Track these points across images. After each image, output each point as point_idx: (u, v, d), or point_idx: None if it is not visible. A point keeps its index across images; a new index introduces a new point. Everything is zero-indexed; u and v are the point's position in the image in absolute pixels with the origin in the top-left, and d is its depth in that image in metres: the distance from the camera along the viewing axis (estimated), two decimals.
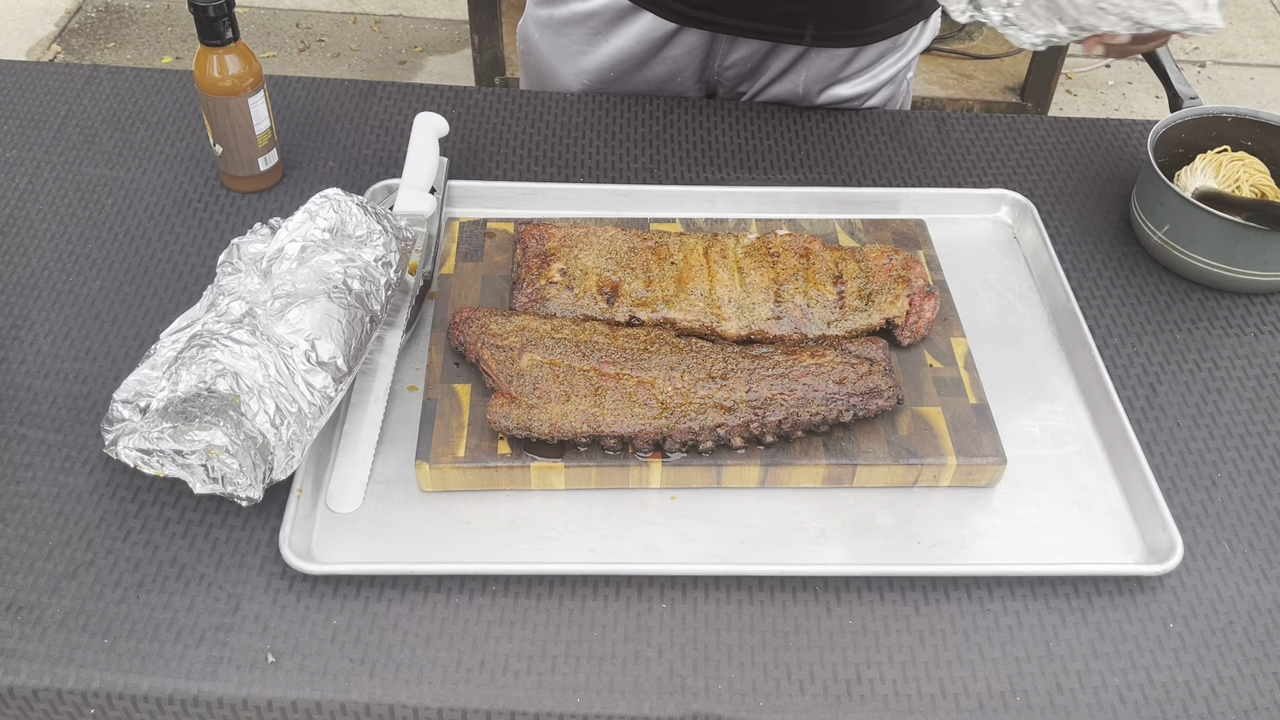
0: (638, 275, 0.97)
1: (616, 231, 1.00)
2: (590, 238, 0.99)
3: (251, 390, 0.79)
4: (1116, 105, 3.05)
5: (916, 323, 0.96)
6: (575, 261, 0.98)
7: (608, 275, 0.97)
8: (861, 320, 0.95)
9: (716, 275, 0.97)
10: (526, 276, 0.97)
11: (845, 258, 0.99)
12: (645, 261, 0.98)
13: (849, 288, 0.97)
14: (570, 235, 0.99)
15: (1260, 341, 1.04)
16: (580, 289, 0.96)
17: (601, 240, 0.99)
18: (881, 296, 0.96)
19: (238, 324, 0.82)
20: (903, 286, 0.97)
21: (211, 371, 0.79)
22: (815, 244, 0.99)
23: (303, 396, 0.82)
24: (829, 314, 0.95)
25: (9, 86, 1.24)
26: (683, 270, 0.97)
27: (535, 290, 0.96)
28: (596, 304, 0.95)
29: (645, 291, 0.96)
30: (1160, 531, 0.85)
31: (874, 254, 1.00)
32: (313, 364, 0.83)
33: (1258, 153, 1.13)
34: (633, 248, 0.99)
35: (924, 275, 0.99)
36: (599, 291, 0.96)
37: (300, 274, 0.87)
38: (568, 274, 0.97)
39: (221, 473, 0.79)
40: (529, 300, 0.95)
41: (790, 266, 0.97)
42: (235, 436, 0.78)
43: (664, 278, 0.97)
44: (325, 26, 3.19)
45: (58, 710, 0.76)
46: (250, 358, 0.80)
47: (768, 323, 0.94)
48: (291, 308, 0.84)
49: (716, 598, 0.82)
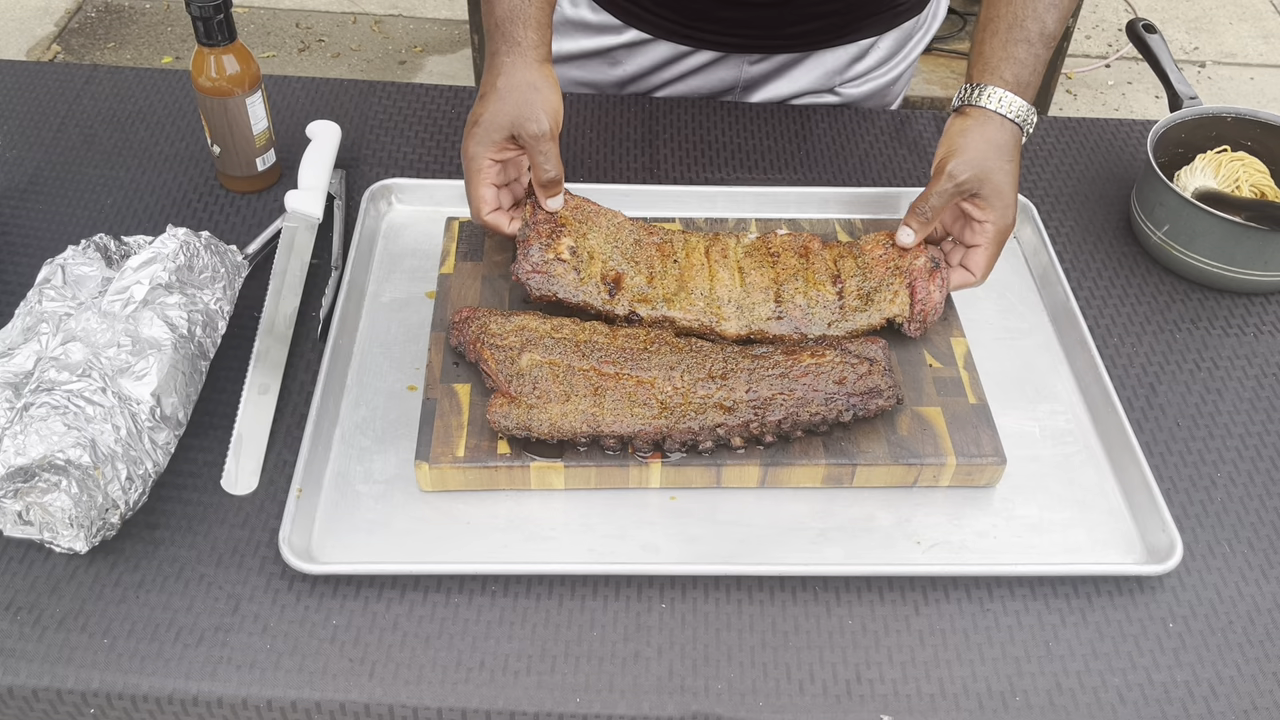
0: (641, 270, 0.96)
1: (625, 219, 1.00)
2: (601, 219, 0.99)
3: (106, 458, 0.77)
4: (1116, 105, 3.05)
5: (924, 310, 0.94)
6: (584, 240, 0.96)
7: (612, 264, 0.96)
8: (862, 320, 0.94)
9: (717, 275, 0.96)
10: (535, 241, 0.95)
11: (843, 254, 0.98)
12: (649, 257, 0.98)
13: (847, 286, 0.96)
14: (583, 208, 0.98)
15: (1260, 341, 1.04)
16: (585, 274, 0.95)
17: (611, 225, 0.99)
18: (880, 294, 0.95)
19: (82, 374, 0.80)
20: (900, 279, 0.95)
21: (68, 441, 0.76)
22: (815, 243, 0.99)
23: (148, 456, 0.81)
24: (829, 314, 0.95)
25: (9, 86, 1.24)
26: (684, 269, 0.97)
27: (544, 262, 0.94)
28: (599, 293, 0.95)
29: (647, 287, 0.95)
30: (1160, 532, 0.85)
31: (870, 245, 0.98)
32: (157, 420, 0.82)
33: (1257, 153, 1.13)
34: (638, 240, 0.99)
35: (924, 253, 0.96)
36: (603, 280, 0.95)
37: (144, 317, 0.84)
38: (577, 254, 0.95)
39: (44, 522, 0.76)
40: (533, 269, 0.94)
41: (790, 266, 0.97)
42: (79, 498, 0.76)
43: (666, 275, 0.97)
44: (325, 26, 3.18)
45: (57, 710, 0.76)
46: (102, 419, 0.78)
47: (768, 323, 0.94)
48: (138, 359, 0.82)
49: (716, 598, 0.82)
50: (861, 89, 1.30)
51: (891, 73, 1.31)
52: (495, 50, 0.95)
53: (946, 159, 0.93)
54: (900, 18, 1.25)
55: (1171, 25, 3.35)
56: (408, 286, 1.03)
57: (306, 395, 0.93)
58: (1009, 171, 0.93)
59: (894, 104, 1.37)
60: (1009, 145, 0.93)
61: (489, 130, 0.93)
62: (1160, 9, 3.42)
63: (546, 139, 0.92)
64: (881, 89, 1.32)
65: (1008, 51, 0.94)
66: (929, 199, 0.93)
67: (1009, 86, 0.94)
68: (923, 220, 0.94)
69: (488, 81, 0.95)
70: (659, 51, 1.26)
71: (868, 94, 1.31)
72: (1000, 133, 0.93)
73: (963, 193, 0.93)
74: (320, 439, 0.88)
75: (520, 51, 0.94)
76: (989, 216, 0.93)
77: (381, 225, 1.10)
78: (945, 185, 0.92)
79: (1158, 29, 1.20)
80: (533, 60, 0.94)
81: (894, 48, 1.29)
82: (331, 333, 0.95)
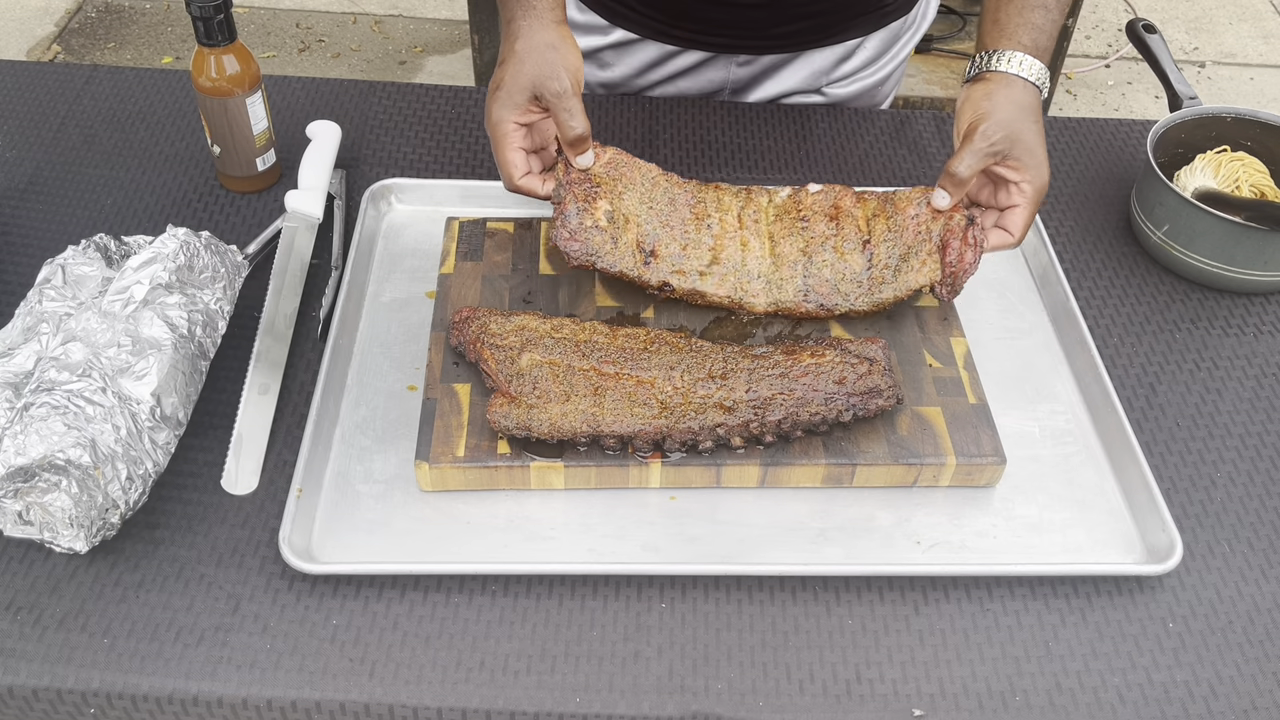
0: (675, 237, 0.95)
1: (658, 173, 0.98)
2: (635, 174, 0.97)
3: (106, 458, 0.77)
4: (1116, 105, 3.05)
5: (954, 271, 0.93)
6: (619, 202, 0.95)
7: (648, 230, 0.95)
8: (889, 293, 0.94)
9: (748, 245, 0.96)
10: (570, 205, 0.93)
11: (877, 212, 0.97)
12: (683, 220, 0.96)
13: (877, 254, 0.95)
14: (615, 163, 0.96)
15: (1260, 341, 1.04)
16: (622, 241, 0.94)
17: (645, 181, 0.97)
18: (909, 263, 0.94)
19: (82, 374, 0.80)
20: (930, 246, 0.94)
21: (68, 441, 0.76)
22: (846, 198, 0.97)
23: (148, 456, 0.80)
24: (856, 289, 0.95)
25: (9, 86, 1.24)
26: (718, 237, 0.96)
27: (581, 229, 0.93)
28: (635, 261, 0.94)
29: (681, 256, 0.95)
30: (1160, 531, 0.85)
31: (904, 203, 0.96)
32: (157, 420, 0.82)
33: (1257, 153, 1.13)
34: (672, 199, 0.97)
35: (958, 211, 0.95)
36: (639, 248, 0.94)
37: (144, 317, 0.84)
38: (613, 219, 0.94)
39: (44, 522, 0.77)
40: (571, 236, 0.93)
41: (820, 234, 0.96)
42: (79, 498, 0.76)
43: (699, 244, 0.96)
44: (325, 26, 3.18)
45: (57, 710, 0.76)
46: (102, 419, 0.78)
47: (795, 299, 0.95)
48: (138, 359, 0.82)
49: (716, 598, 0.82)
50: (849, 89, 1.30)
51: (880, 73, 1.31)
52: (511, 16, 0.95)
53: (976, 122, 0.92)
54: (887, 18, 1.26)
55: (1171, 25, 3.35)
56: (408, 286, 1.03)
57: (306, 395, 0.93)
58: (1037, 131, 0.93)
59: (884, 104, 1.38)
60: (1033, 106, 0.94)
61: (511, 93, 0.92)
62: (1160, 9, 3.43)
63: (569, 95, 0.91)
64: (870, 89, 1.32)
65: (1024, 17, 0.95)
66: (963, 161, 0.92)
67: (1027, 50, 0.94)
68: (958, 182, 0.93)
69: (506, 48, 0.94)
70: (646, 53, 1.26)
71: (855, 94, 1.31)
72: (1025, 94, 0.94)
73: (995, 155, 0.92)
74: (320, 439, 0.88)
75: (536, 14, 0.94)
76: (1025, 176, 0.93)
77: (381, 225, 1.10)
78: (979, 146, 0.92)
79: (1158, 29, 1.20)
80: (549, 21, 0.94)
81: (881, 48, 1.29)
82: (331, 333, 0.95)
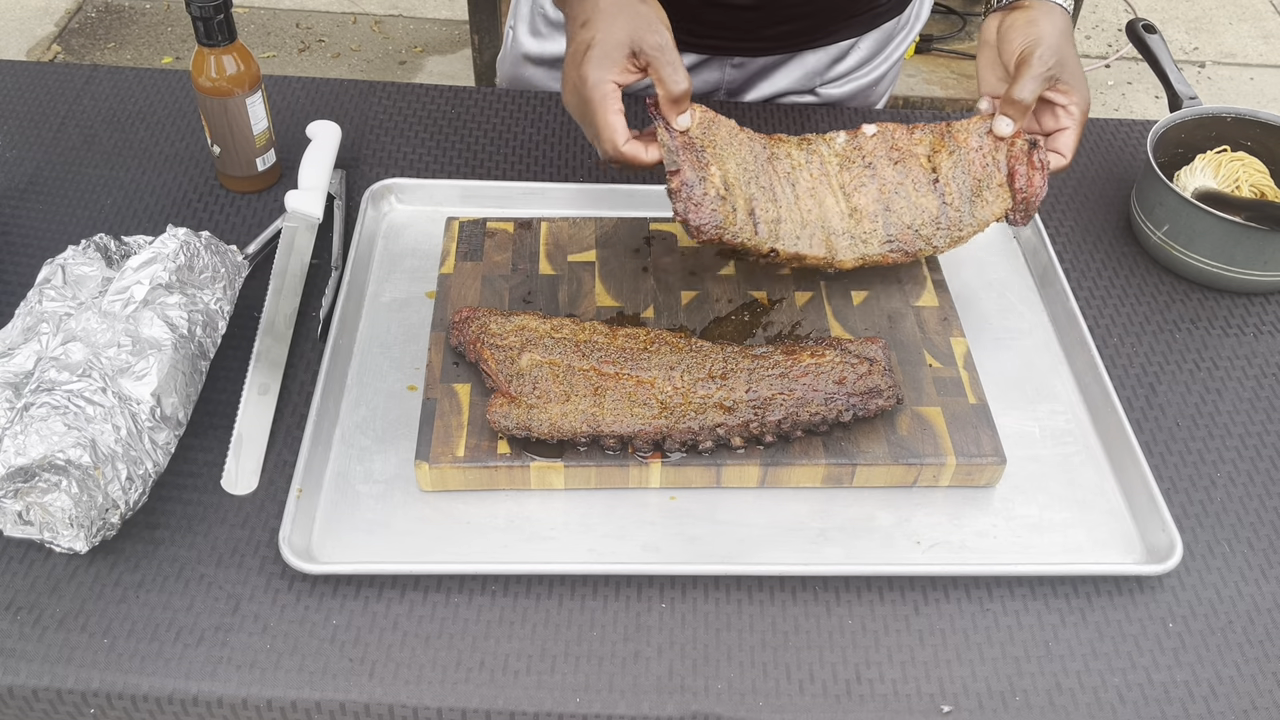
0: (770, 198, 0.94)
1: (735, 127, 0.93)
2: (722, 130, 0.92)
3: (106, 458, 0.77)
4: (1116, 105, 3.05)
5: (1026, 197, 0.96)
6: (724, 165, 0.91)
7: (750, 193, 0.92)
8: (968, 230, 0.96)
9: (824, 202, 0.95)
10: (688, 175, 0.89)
11: (938, 147, 0.98)
12: (771, 181, 0.94)
13: (949, 191, 0.96)
14: (704, 122, 0.91)
15: (1260, 341, 1.04)
16: (736, 209, 0.91)
17: (733, 140, 0.92)
18: (981, 197, 0.96)
19: (82, 374, 0.79)
20: (998, 175, 0.96)
21: (68, 441, 0.76)
22: (901, 136, 0.97)
23: (148, 456, 0.80)
24: (936, 230, 0.96)
25: (9, 86, 1.24)
26: (800, 196, 0.95)
27: (706, 199, 0.89)
28: (749, 230, 0.92)
29: (777, 219, 0.93)
30: (1160, 531, 0.85)
31: (963, 134, 0.98)
32: (157, 420, 0.82)
33: (1257, 153, 1.13)
34: (757, 157, 0.94)
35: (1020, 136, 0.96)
36: (750, 215, 0.92)
37: (144, 317, 0.84)
38: (728, 186, 0.91)
39: (44, 522, 0.76)
40: (698, 208, 0.89)
41: (890, 180, 0.96)
42: (79, 498, 0.76)
43: (790, 205, 0.94)
44: (325, 26, 3.19)
45: (57, 710, 0.76)
46: (102, 419, 0.78)
47: (882, 250, 0.96)
48: (138, 359, 0.82)
49: (716, 598, 0.82)
50: (843, 89, 1.31)
51: (874, 73, 1.31)
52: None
53: (1031, 48, 0.94)
54: (880, 19, 1.26)
55: (1171, 25, 3.35)
56: (408, 286, 1.03)
57: (306, 395, 0.93)
58: (1076, 54, 0.97)
59: (879, 104, 1.38)
60: (1070, 30, 0.97)
61: (608, 50, 0.85)
62: (1160, 9, 3.43)
63: (671, 47, 0.86)
64: (864, 89, 1.32)
65: None
66: (1024, 86, 0.94)
67: None
68: (1021, 108, 0.95)
69: (584, 8, 0.88)
70: None
71: (850, 94, 1.32)
72: (1063, 19, 0.97)
73: (1050, 80, 0.94)
74: (320, 439, 0.88)
75: None
76: (1073, 99, 0.96)
77: (381, 225, 1.10)
78: (1038, 70, 0.93)
79: (1157, 29, 1.20)
80: None
81: (875, 49, 1.29)
82: (331, 333, 0.95)
